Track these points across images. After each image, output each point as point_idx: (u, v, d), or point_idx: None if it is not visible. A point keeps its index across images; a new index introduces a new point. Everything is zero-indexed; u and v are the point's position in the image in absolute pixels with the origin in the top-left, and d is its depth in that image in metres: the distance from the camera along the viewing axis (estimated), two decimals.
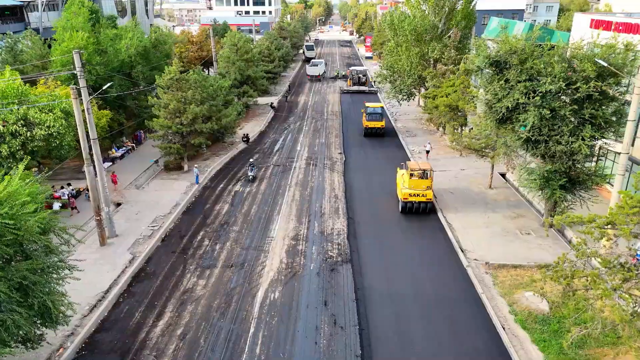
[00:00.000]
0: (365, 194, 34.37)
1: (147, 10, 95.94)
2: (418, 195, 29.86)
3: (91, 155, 25.99)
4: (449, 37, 48.52)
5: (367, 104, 51.11)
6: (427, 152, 40.55)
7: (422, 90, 55.76)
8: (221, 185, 36.19)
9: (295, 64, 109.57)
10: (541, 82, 24.23)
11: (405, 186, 30.21)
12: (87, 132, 25.82)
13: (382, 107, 51.93)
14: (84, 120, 25.42)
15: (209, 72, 62.84)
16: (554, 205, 27.38)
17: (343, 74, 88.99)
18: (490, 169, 34.47)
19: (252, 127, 53.77)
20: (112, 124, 40.90)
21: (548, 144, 25.21)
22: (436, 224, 29.48)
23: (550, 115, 24.10)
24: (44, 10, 70.59)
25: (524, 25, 62.40)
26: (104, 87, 26.64)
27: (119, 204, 32.80)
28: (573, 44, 25.72)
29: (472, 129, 42.90)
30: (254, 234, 28.29)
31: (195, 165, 36.19)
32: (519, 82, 24.97)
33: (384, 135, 50.35)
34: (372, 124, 49.52)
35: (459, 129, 41.40)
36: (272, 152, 44.52)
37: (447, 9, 47.50)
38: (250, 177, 36.51)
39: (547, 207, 27.98)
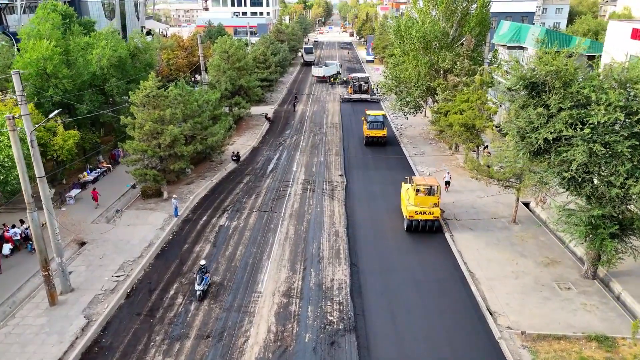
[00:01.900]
0: (369, 229, 29.69)
1: (137, 13, 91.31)
2: (424, 213, 28.08)
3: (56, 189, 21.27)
4: (461, 45, 43.85)
5: (368, 112, 47.92)
6: (447, 183, 34.99)
7: (430, 100, 51.16)
8: (204, 218, 31.47)
9: (294, 67, 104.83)
10: (592, 110, 19.54)
11: (411, 203, 28.49)
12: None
13: (383, 115, 48.41)
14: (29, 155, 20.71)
15: (199, 80, 58.18)
16: (598, 253, 22.76)
17: (343, 79, 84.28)
18: (515, 200, 29.79)
19: (244, 142, 49.07)
20: (85, 144, 36.27)
21: (595, 184, 20.58)
22: (456, 273, 24.77)
23: (602, 152, 19.42)
24: (23, 12, 65.94)
25: (540, 30, 57.78)
26: (51, 116, 21.79)
27: (83, 243, 28.09)
28: (627, 64, 21.01)
29: (486, 151, 38.30)
30: (238, 287, 23.57)
31: (174, 196, 31.42)
32: (562, 109, 20.31)
33: (385, 145, 47.35)
34: (373, 133, 46.65)
35: (476, 151, 36.63)
36: (265, 174, 39.79)
37: (459, 14, 42.81)
38: (199, 292, 22.33)
39: (590, 255, 23.32)
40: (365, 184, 37.70)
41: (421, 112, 50.21)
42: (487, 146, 40.47)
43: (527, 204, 32.73)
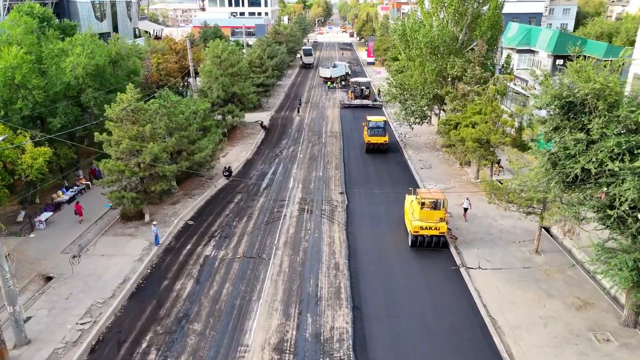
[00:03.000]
0: (373, 260, 26.37)
1: (129, 13, 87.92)
2: (430, 228, 26.67)
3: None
4: (471, 50, 40.52)
5: (368, 118, 45.44)
6: (465, 210, 30.91)
7: (436, 108, 47.88)
8: (188, 246, 28.12)
9: (292, 70, 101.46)
10: None
11: (416, 217, 27.03)
12: None
13: (385, 121, 45.77)
14: None
15: (188, 88, 54.70)
16: None
17: (343, 83, 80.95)
18: (537, 229, 26.47)
19: (237, 154, 45.74)
20: (60, 161, 32.94)
21: None
22: (475, 318, 21.44)
23: None
24: (7, 14, 62.56)
25: (552, 33, 54.45)
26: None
27: (49, 278, 24.79)
28: None
29: (498, 166, 35.02)
30: (222, 339, 20.23)
31: (154, 223, 28.03)
32: (606, 134, 17.02)
33: (387, 152, 45.33)
34: (374, 140, 44.43)
35: (491, 168, 33.25)
36: (259, 192, 36.44)
37: (469, 16, 39.46)
38: None
39: (632, 300, 20.02)
40: (367, 203, 34.37)
41: (427, 122, 46.76)
42: (499, 160, 37.19)
43: (547, 228, 29.45)
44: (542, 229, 28.34)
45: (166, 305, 22.57)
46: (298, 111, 62.22)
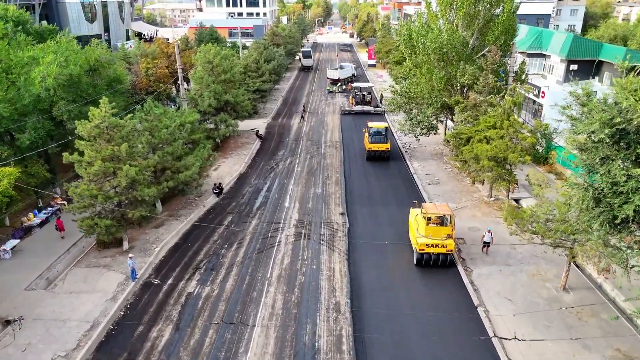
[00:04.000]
0: (379, 299, 23.17)
1: (121, 15, 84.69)
2: (437, 245, 25.09)
3: None
4: (483, 56, 37.34)
5: (369, 124, 43.08)
6: (486, 245, 26.84)
7: (442, 116, 44.66)
8: (169, 281, 24.91)
9: (291, 73, 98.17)
10: None
11: (421, 233, 25.49)
12: None
13: (386, 128, 43.31)
14: None
15: (187, 89, 51.41)
16: None
17: (343, 87, 77.75)
18: (566, 263, 23.27)
19: (230, 167, 42.54)
20: (31, 180, 29.74)
21: None
22: None
23: None
24: None
25: (566, 36, 51.22)
26: None
27: (8, 322, 21.59)
28: None
29: (513, 185, 31.83)
30: None
31: (130, 256, 24.74)
32: None
33: (389, 159, 43.21)
34: (375, 147, 42.62)
35: (508, 190, 30.02)
36: (252, 212, 33.23)
37: (481, 20, 36.25)
38: None
39: None
40: (371, 226, 31.19)
41: (435, 133, 43.57)
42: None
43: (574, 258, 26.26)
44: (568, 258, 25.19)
45: (139, 359, 19.37)
46: (302, 118, 59.45)
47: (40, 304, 22.82)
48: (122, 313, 22.32)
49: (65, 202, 33.31)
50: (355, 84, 66.27)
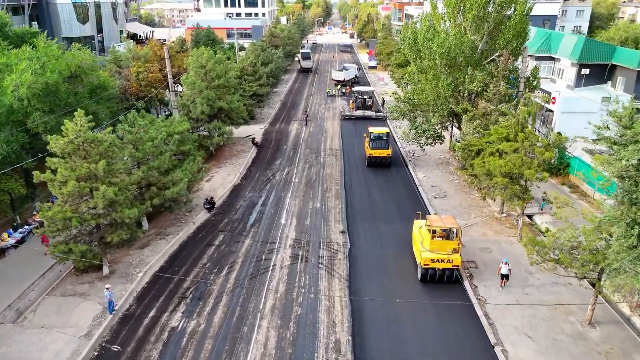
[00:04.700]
0: (385, 334, 20.80)
1: (115, 15, 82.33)
2: (442, 261, 23.73)
3: None
4: (492, 61, 34.98)
5: (370, 129, 41.20)
6: (505, 277, 23.79)
7: (449, 124, 42.32)
8: (151, 313, 22.49)
9: (290, 75, 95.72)
10: None
11: (426, 248, 24.32)
12: None
13: (387, 133, 41.32)
14: None
15: (180, 93, 49.05)
16: None
17: (343, 91, 75.34)
18: (592, 296, 20.89)
19: (223, 177, 40.15)
20: (2, 197, 27.39)
21: None
22: None
23: None
24: None
25: (577, 39, 48.85)
26: None
27: None
28: None
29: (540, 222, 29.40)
30: None
31: (107, 287, 22.28)
32: None
33: (390, 166, 41.71)
34: (376, 153, 41.05)
35: (523, 207, 27.55)
36: (245, 230, 30.85)
37: (492, 22, 33.85)
38: None
39: None
40: (373, 245, 28.83)
41: (441, 143, 41.18)
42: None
43: (592, 283, 23.86)
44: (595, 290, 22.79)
45: None
46: (306, 123, 57.36)
47: (7, 341, 20.46)
48: (95, 353, 19.92)
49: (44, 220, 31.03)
50: (355, 88, 63.88)
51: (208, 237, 29.89)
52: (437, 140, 39.50)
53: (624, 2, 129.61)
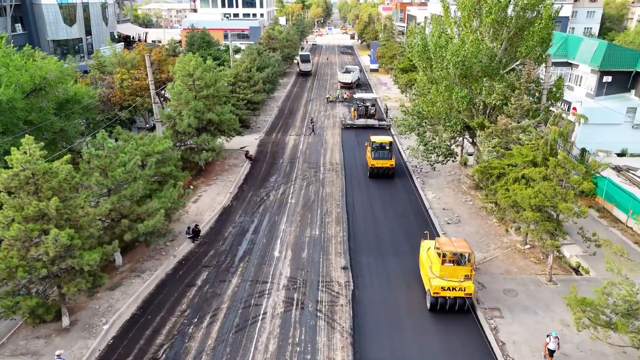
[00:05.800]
0: None
1: (105, 16, 78.44)
2: (454, 289, 21.68)
3: None
4: (512, 70, 31.14)
5: (372, 138, 39.64)
6: (551, 353, 18.92)
7: (461, 139, 38.48)
8: None
9: (288, 78, 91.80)
10: None
11: (435, 274, 22.39)
12: None
13: (391, 142, 38.72)
14: None
15: (168, 99, 45.25)
16: None
17: (344, 97, 71.51)
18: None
19: (212, 198, 36.30)
20: None
21: None
22: None
23: None
24: None
25: (598, 44, 44.98)
26: None
27: None
28: None
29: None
30: None
31: (58, 353, 18.34)
32: None
33: (393, 177, 39.48)
34: (379, 163, 38.82)
35: (558, 247, 23.62)
36: (232, 265, 26.99)
37: (512, 27, 30.00)
38: None
39: None
40: (381, 284, 25.00)
41: (453, 161, 37.32)
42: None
43: None
44: None
45: None
46: (313, 131, 53.89)
47: None
48: None
49: None
50: (357, 95, 59.95)
51: (190, 274, 26.02)
52: (448, 158, 35.64)
53: (633, 2, 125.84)
